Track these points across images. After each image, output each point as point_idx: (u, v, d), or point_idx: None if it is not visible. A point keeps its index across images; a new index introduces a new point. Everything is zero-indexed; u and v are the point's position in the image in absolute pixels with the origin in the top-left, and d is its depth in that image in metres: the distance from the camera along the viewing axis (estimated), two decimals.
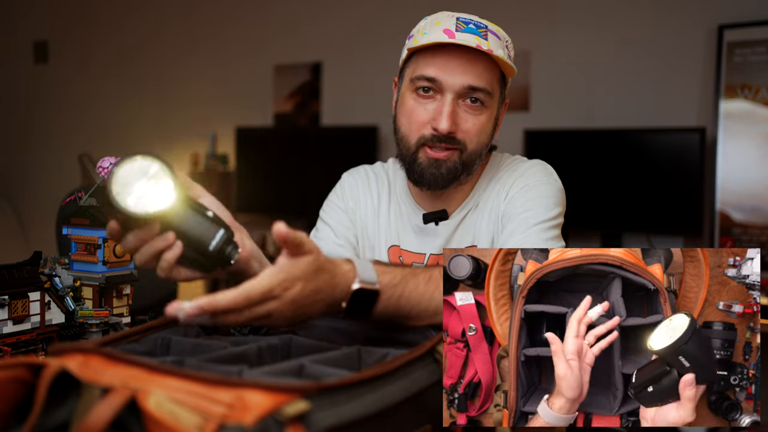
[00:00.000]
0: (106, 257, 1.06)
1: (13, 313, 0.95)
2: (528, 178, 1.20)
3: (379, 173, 1.37)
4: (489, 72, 1.16)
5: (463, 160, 1.18)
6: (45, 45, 4.36)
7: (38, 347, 0.99)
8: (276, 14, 3.70)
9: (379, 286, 0.79)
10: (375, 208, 1.33)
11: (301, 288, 0.74)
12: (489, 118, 1.19)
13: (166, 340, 0.76)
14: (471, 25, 1.15)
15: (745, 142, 2.65)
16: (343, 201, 1.36)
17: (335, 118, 3.55)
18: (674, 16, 2.85)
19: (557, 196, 1.19)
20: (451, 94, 1.14)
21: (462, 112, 1.16)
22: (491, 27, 1.17)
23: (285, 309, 0.73)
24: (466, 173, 1.20)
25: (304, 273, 0.74)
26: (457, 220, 1.25)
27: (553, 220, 1.16)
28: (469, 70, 1.14)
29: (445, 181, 1.18)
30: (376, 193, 1.34)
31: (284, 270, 0.74)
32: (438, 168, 1.17)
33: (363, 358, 0.74)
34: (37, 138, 4.41)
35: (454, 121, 1.15)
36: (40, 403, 0.52)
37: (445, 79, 1.14)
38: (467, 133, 1.16)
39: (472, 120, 1.16)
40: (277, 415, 0.50)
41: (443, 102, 1.14)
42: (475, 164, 1.21)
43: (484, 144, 1.20)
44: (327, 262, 0.77)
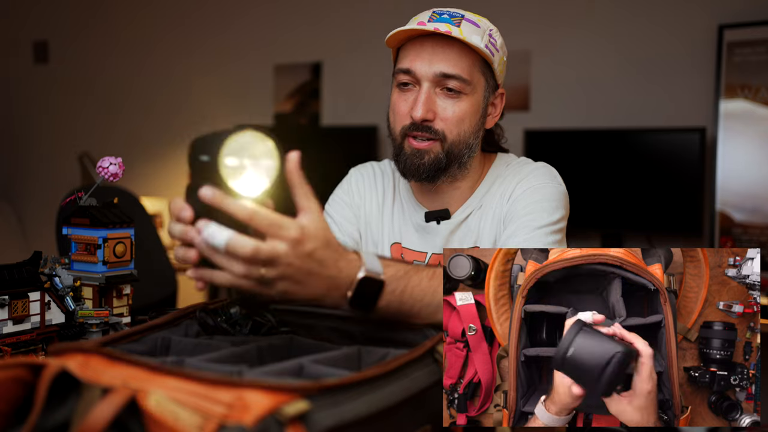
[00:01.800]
0: (106, 257, 1.06)
1: (13, 313, 0.95)
2: (531, 180, 1.20)
3: (385, 170, 1.38)
4: (464, 59, 1.17)
5: (446, 150, 1.18)
6: (45, 45, 4.36)
7: (38, 347, 0.99)
8: (276, 14, 3.70)
9: (384, 277, 0.79)
10: (379, 205, 1.34)
11: (312, 249, 0.71)
12: (471, 105, 1.19)
13: (166, 340, 0.76)
14: (444, 15, 1.17)
15: (745, 142, 2.64)
16: (349, 196, 1.37)
17: (335, 118, 3.55)
18: (674, 16, 2.85)
19: (560, 200, 1.19)
20: (426, 83, 1.17)
21: (440, 101, 1.18)
22: (468, 16, 1.18)
23: (292, 263, 0.70)
24: (456, 165, 1.20)
25: (317, 232, 0.72)
26: (459, 219, 1.25)
27: (556, 224, 1.16)
28: (442, 58, 1.16)
29: (428, 171, 1.19)
30: (381, 189, 1.35)
31: (300, 221, 0.72)
32: (420, 158, 1.18)
33: (363, 358, 0.74)
34: (37, 138, 4.41)
35: (430, 109, 1.16)
36: (40, 403, 0.52)
37: (419, 68, 1.17)
38: (446, 121, 1.17)
39: (451, 108, 1.17)
40: (277, 415, 0.50)
41: (420, 91, 1.17)
42: (463, 155, 1.20)
43: (468, 133, 1.20)
44: (336, 241, 0.76)
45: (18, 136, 4.48)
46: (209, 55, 3.86)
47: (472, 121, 1.20)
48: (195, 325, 0.82)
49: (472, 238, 1.24)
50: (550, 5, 3.05)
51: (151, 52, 4.04)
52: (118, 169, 1.12)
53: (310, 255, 0.72)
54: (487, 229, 1.22)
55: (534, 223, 1.14)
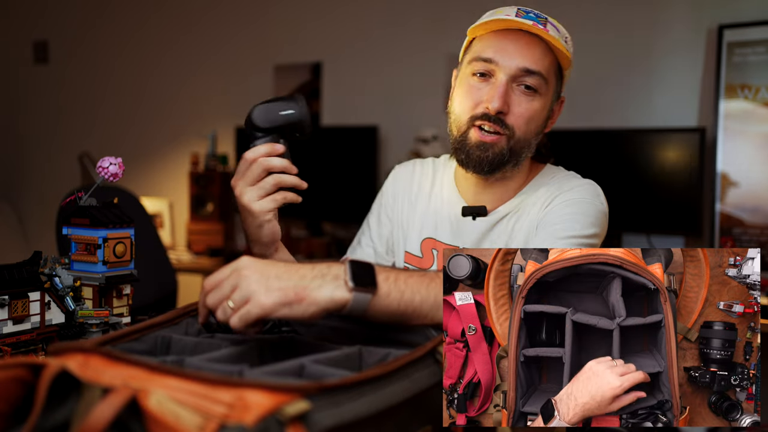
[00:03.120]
0: (106, 257, 1.06)
1: (13, 313, 0.95)
2: (573, 193, 1.20)
3: (425, 165, 1.39)
4: (545, 58, 1.17)
5: (510, 147, 1.18)
6: (45, 45, 4.36)
7: (38, 347, 0.99)
8: (276, 14, 3.70)
9: (376, 269, 0.80)
10: (413, 202, 1.35)
11: (254, 259, 0.77)
12: (542, 106, 1.19)
13: (166, 339, 0.76)
14: (531, 14, 1.18)
15: (745, 142, 2.65)
16: (384, 197, 1.40)
17: (335, 118, 3.55)
18: (674, 16, 2.85)
19: (597, 218, 1.18)
20: (505, 76, 1.16)
21: (515, 96, 1.17)
22: (551, 20, 1.20)
23: (249, 267, 0.75)
24: (513, 162, 1.20)
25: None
26: (495, 219, 1.24)
27: (587, 238, 1.14)
28: (525, 53, 1.16)
29: (491, 165, 1.18)
30: (417, 186, 1.36)
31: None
32: (485, 151, 1.18)
33: (364, 358, 0.74)
34: (37, 138, 4.41)
35: (506, 102, 1.16)
36: (40, 403, 0.52)
37: (501, 60, 1.16)
38: (518, 117, 1.17)
39: (525, 105, 1.17)
40: (278, 415, 0.50)
41: (497, 83, 1.16)
42: (522, 153, 1.20)
43: (533, 133, 1.20)
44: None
45: (18, 136, 4.48)
46: (209, 55, 3.86)
47: (538, 121, 1.20)
48: (195, 324, 0.82)
49: (504, 240, 1.23)
50: (550, 5, 3.05)
51: (151, 53, 4.04)
52: (118, 169, 1.12)
53: (256, 261, 0.76)
54: (521, 234, 1.21)
55: (563, 233, 1.13)
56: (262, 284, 0.73)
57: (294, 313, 0.74)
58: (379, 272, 0.80)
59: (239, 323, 0.73)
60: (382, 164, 3.28)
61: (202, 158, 3.70)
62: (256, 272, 0.74)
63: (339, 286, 0.76)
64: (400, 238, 1.34)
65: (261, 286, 0.73)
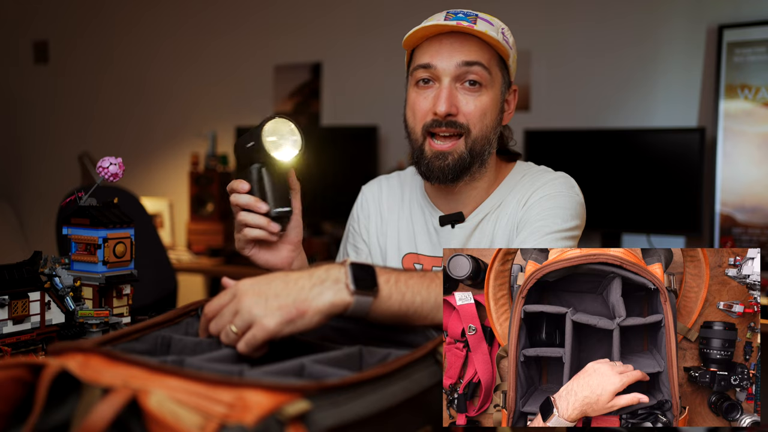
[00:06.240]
0: (106, 257, 1.06)
1: (13, 313, 0.95)
2: (548, 188, 1.20)
3: (391, 181, 1.39)
4: (482, 51, 1.18)
5: (469, 147, 1.18)
6: (45, 45, 4.35)
7: (38, 347, 0.99)
8: (276, 14, 3.70)
9: (376, 270, 0.80)
10: (385, 220, 1.35)
11: (252, 281, 0.77)
12: (491, 99, 1.19)
13: (166, 338, 0.76)
14: (460, 14, 1.18)
15: (745, 142, 2.64)
16: (355, 221, 1.40)
17: (335, 118, 3.55)
18: (674, 16, 2.85)
19: (576, 209, 1.19)
20: (447, 78, 1.17)
21: (461, 95, 1.17)
22: (482, 15, 1.20)
23: (247, 291, 0.75)
24: (477, 163, 1.20)
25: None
26: (473, 223, 1.24)
27: (569, 231, 1.15)
28: (461, 50, 1.17)
29: (453, 172, 1.18)
30: (386, 204, 1.36)
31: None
32: (443, 159, 1.18)
33: (364, 359, 0.74)
34: (37, 138, 4.41)
35: (453, 103, 1.16)
36: (40, 403, 0.52)
37: (439, 62, 1.17)
38: (469, 115, 1.17)
39: (473, 101, 1.17)
40: (278, 415, 0.50)
41: (441, 87, 1.17)
42: (484, 151, 1.20)
43: (489, 128, 1.20)
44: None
45: (18, 136, 4.48)
46: (209, 55, 3.86)
47: (492, 115, 1.20)
48: (196, 324, 0.82)
49: (486, 243, 1.23)
50: (550, 5, 3.05)
51: (151, 53, 4.04)
52: (118, 169, 1.12)
53: (255, 280, 0.77)
54: (501, 234, 1.21)
55: (546, 229, 1.14)
56: (262, 306, 0.73)
57: (299, 328, 0.74)
58: (380, 274, 0.80)
59: (246, 348, 0.73)
60: (382, 164, 3.28)
61: (202, 158, 3.70)
62: (254, 295, 0.75)
63: (340, 289, 0.76)
64: (379, 258, 1.34)
65: (261, 308, 0.73)
